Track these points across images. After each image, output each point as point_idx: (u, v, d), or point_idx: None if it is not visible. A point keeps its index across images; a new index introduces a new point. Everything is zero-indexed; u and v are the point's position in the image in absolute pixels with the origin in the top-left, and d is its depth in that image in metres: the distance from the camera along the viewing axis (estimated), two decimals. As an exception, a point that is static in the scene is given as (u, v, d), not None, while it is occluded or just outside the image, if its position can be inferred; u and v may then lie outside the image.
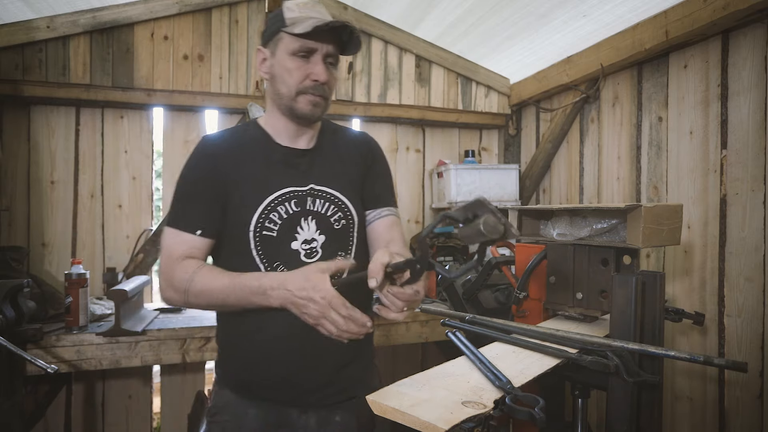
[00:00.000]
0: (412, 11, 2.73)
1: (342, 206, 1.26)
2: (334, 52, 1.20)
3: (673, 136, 2.14)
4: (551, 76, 2.76)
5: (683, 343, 2.06)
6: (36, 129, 2.47)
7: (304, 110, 1.20)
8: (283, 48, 1.18)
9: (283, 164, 1.24)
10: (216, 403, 1.28)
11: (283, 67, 1.19)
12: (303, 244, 1.21)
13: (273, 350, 1.21)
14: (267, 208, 1.19)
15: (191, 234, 1.18)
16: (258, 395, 1.24)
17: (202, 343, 2.08)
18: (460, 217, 0.78)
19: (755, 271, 1.80)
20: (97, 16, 2.46)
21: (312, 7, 1.19)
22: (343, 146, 1.33)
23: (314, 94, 1.19)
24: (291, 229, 1.21)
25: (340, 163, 1.30)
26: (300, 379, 1.22)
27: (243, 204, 1.19)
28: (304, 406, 1.24)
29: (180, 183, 1.24)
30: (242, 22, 2.74)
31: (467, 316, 1.38)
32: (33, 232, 2.46)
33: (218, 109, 2.73)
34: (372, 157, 1.36)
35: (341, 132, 1.38)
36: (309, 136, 1.29)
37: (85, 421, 2.51)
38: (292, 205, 1.21)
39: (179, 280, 1.14)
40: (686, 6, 1.94)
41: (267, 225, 1.19)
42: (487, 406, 0.80)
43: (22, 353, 1.59)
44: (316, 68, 1.17)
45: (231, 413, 1.25)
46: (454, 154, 3.24)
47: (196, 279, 1.13)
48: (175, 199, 1.23)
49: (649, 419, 1.12)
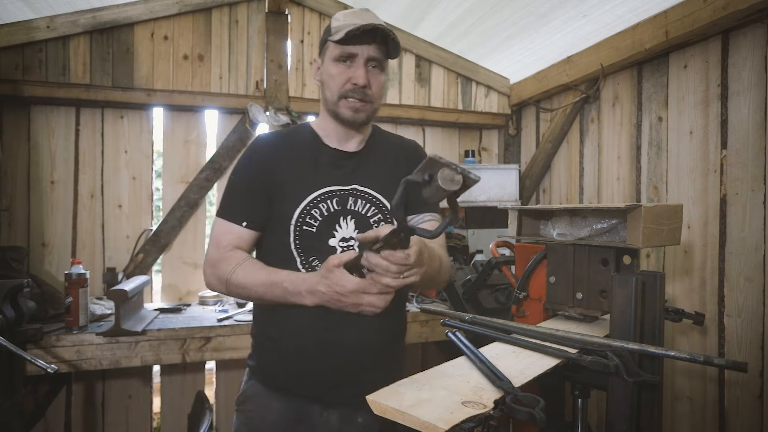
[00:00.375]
0: (412, 11, 2.73)
1: (382, 208, 1.30)
2: (377, 56, 1.22)
3: (673, 136, 2.14)
4: (551, 76, 2.76)
5: (683, 343, 2.06)
6: (36, 129, 2.47)
7: (345, 115, 1.24)
8: (329, 55, 1.24)
9: (329, 165, 1.29)
10: (244, 393, 1.34)
11: (328, 73, 1.24)
12: (341, 241, 1.26)
13: (300, 345, 1.24)
14: (309, 204, 1.24)
15: (238, 225, 1.26)
16: (283, 388, 1.27)
17: (202, 343, 2.08)
18: (419, 178, 0.82)
19: (755, 271, 1.80)
20: (97, 16, 2.46)
21: (359, 14, 1.22)
22: (390, 151, 1.37)
23: (355, 98, 1.22)
24: (330, 227, 1.25)
25: (385, 167, 1.33)
26: (324, 376, 1.25)
27: (287, 199, 1.25)
28: (327, 403, 1.26)
29: (232, 177, 1.31)
30: (242, 22, 2.74)
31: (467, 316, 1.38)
32: (33, 232, 2.46)
33: (218, 109, 2.73)
34: (418, 162, 1.37)
35: (391, 138, 1.42)
36: (358, 139, 1.32)
37: (85, 421, 2.51)
38: (333, 203, 1.25)
39: (223, 271, 1.22)
40: (686, 6, 1.94)
41: (307, 221, 1.24)
42: (487, 406, 0.79)
43: (22, 353, 1.59)
44: (356, 72, 1.21)
45: (257, 404, 1.30)
46: (454, 154, 3.24)
47: (237, 271, 1.20)
48: (226, 191, 1.31)
49: (649, 419, 1.12)
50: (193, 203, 2.69)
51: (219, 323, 2.14)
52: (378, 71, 1.24)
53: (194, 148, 2.74)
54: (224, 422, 2.73)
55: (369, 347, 1.26)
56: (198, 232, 2.74)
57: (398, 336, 1.37)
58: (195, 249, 2.74)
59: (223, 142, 2.74)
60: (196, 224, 2.73)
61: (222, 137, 2.76)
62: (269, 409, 1.28)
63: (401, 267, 0.96)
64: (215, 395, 2.74)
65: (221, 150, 2.73)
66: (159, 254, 2.66)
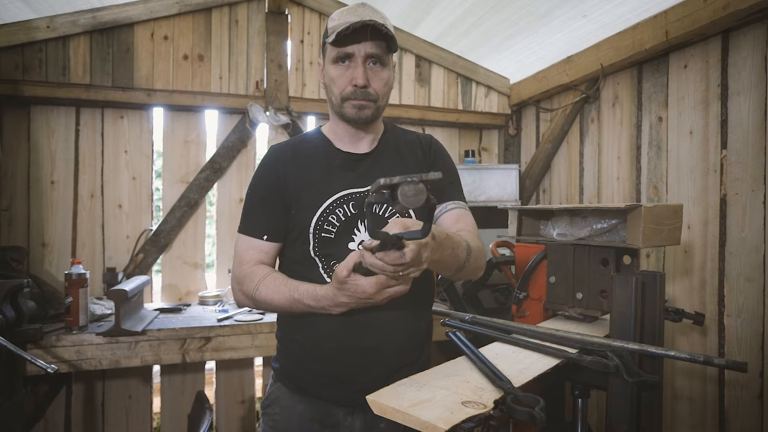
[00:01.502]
0: (411, 11, 2.73)
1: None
2: (375, 52, 1.19)
3: (673, 136, 2.14)
4: (551, 76, 2.76)
5: (683, 343, 2.06)
6: (36, 129, 2.47)
7: (350, 114, 1.22)
8: (328, 57, 1.23)
9: (343, 168, 1.28)
10: (269, 396, 1.34)
11: (329, 76, 1.23)
12: (360, 244, 1.24)
13: (325, 348, 1.24)
14: (326, 211, 1.24)
15: (259, 239, 1.27)
16: (308, 392, 1.27)
17: (202, 343, 2.08)
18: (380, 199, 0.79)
19: (755, 271, 1.80)
20: (97, 16, 2.46)
21: (354, 11, 1.19)
22: (404, 147, 1.34)
23: (357, 98, 1.20)
24: (349, 231, 1.24)
25: (401, 164, 1.31)
26: (349, 380, 1.24)
27: (303, 208, 1.25)
28: (351, 407, 1.25)
29: (248, 193, 1.32)
30: (242, 22, 2.74)
31: (467, 316, 1.38)
32: (33, 232, 2.46)
33: (218, 109, 2.73)
34: (434, 154, 1.36)
35: (404, 134, 1.39)
36: (369, 139, 1.31)
37: (85, 421, 2.51)
38: (350, 207, 1.25)
39: (247, 288, 1.24)
40: (686, 6, 1.94)
41: (325, 227, 1.24)
42: (487, 406, 0.80)
43: (22, 353, 1.59)
44: (355, 72, 1.19)
45: (282, 407, 1.30)
46: (454, 154, 3.24)
47: (260, 288, 1.21)
48: (244, 208, 1.32)
49: (649, 419, 1.12)
50: (193, 203, 2.69)
51: (219, 323, 2.14)
52: (379, 67, 1.21)
53: (194, 148, 2.74)
54: (224, 422, 2.73)
55: (393, 352, 1.24)
56: (198, 232, 2.74)
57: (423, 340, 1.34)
58: (195, 249, 2.74)
59: (223, 142, 2.74)
60: (196, 224, 2.73)
61: (222, 137, 2.76)
62: (293, 411, 1.28)
63: (397, 267, 0.95)
64: (215, 395, 2.74)
65: (221, 150, 2.73)
66: (159, 254, 2.66)
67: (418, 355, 1.31)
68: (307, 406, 1.27)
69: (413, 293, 1.09)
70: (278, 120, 2.68)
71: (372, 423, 1.26)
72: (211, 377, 2.84)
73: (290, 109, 2.76)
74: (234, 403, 2.75)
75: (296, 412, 1.27)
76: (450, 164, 1.39)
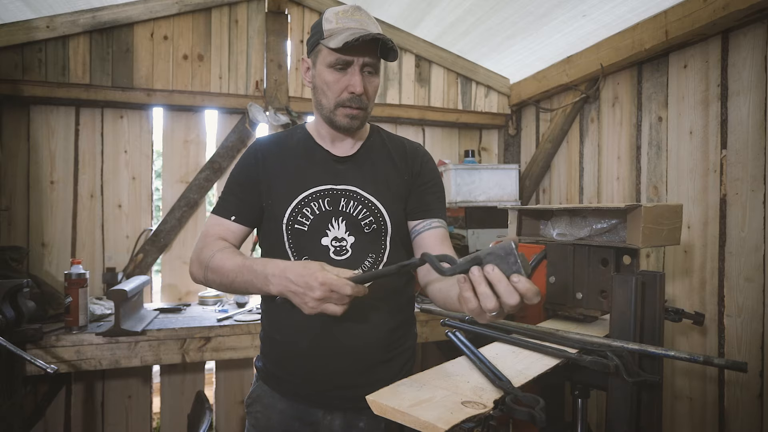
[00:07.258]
0: (411, 11, 2.73)
1: (375, 211, 1.26)
2: (372, 61, 1.20)
3: (673, 136, 2.14)
4: (551, 76, 2.76)
5: (683, 343, 2.06)
6: (36, 129, 2.47)
7: (341, 123, 1.23)
8: (322, 60, 1.21)
9: (322, 165, 1.28)
10: (252, 394, 1.35)
11: (323, 79, 1.22)
12: (333, 241, 1.24)
13: (301, 347, 1.24)
14: (300, 203, 1.24)
15: (227, 219, 1.28)
16: (287, 391, 1.28)
17: (201, 343, 2.08)
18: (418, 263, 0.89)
19: (755, 271, 1.80)
20: (97, 16, 2.46)
21: (351, 15, 1.19)
22: (388, 153, 1.33)
23: (352, 106, 1.20)
24: (322, 226, 1.24)
25: (381, 169, 1.30)
26: (324, 378, 1.24)
27: (278, 199, 1.25)
28: (329, 406, 1.26)
29: (228, 179, 1.34)
30: (242, 22, 2.74)
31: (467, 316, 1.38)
32: (33, 232, 2.46)
33: (218, 109, 2.73)
34: (419, 166, 1.35)
35: (391, 140, 1.38)
36: (352, 142, 1.31)
37: (84, 421, 2.51)
38: (324, 203, 1.25)
39: (204, 256, 1.21)
40: (686, 6, 1.94)
41: (299, 219, 1.24)
42: (487, 406, 0.79)
43: (22, 353, 1.59)
44: (352, 80, 1.18)
45: (262, 405, 1.31)
46: (454, 154, 3.24)
47: (216, 256, 1.19)
48: (221, 192, 1.34)
49: (649, 419, 1.12)
50: (193, 203, 2.69)
51: (219, 323, 2.14)
52: (373, 75, 1.23)
53: (194, 148, 2.74)
54: (224, 422, 2.73)
55: (369, 350, 1.24)
56: (198, 233, 2.74)
57: (401, 339, 1.32)
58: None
59: (222, 142, 2.74)
60: (195, 224, 2.73)
61: (222, 137, 2.76)
62: (274, 410, 1.29)
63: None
64: (215, 395, 2.74)
65: (221, 150, 2.73)
66: (159, 254, 2.66)
67: (397, 353, 1.30)
68: (287, 404, 1.28)
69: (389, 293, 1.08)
70: (278, 120, 2.68)
71: (351, 422, 1.26)
72: (211, 377, 2.84)
73: (290, 109, 2.76)
74: (234, 403, 2.75)
75: (277, 410, 1.28)
76: (437, 178, 1.38)
